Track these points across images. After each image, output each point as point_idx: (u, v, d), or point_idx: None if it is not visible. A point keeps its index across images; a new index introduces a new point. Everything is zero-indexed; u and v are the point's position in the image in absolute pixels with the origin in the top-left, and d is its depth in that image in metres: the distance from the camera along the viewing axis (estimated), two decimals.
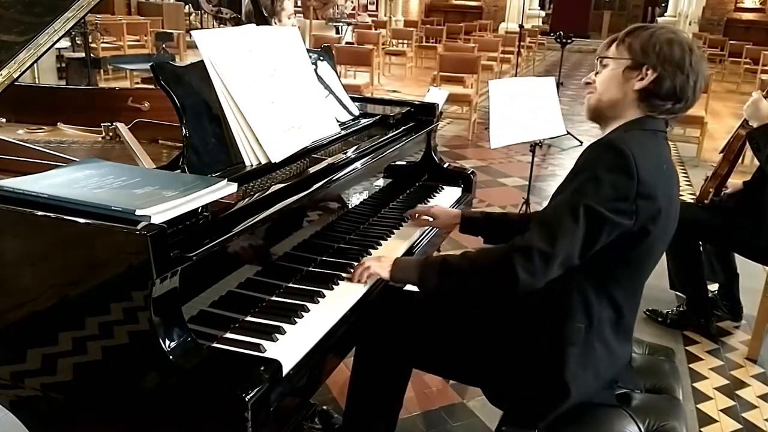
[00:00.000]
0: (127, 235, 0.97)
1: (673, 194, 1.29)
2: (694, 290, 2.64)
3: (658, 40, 1.25)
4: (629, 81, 1.27)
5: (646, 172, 1.17)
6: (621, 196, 1.16)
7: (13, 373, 1.13)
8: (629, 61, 1.27)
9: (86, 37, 6.10)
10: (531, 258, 1.16)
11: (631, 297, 1.33)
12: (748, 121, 2.42)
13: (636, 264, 1.26)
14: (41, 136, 1.86)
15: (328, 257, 1.54)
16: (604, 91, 1.31)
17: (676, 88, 1.24)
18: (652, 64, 1.24)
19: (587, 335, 1.27)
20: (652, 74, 1.24)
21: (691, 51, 1.25)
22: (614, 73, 1.29)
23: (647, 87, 1.25)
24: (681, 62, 1.24)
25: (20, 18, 1.51)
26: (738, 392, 2.27)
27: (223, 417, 0.99)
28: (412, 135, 2.00)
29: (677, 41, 1.25)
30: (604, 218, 1.16)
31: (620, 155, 1.17)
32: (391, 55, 10.72)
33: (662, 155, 1.28)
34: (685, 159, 5.73)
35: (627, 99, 1.28)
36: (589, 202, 1.16)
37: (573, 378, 1.27)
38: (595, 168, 1.18)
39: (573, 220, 1.16)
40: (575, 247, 1.17)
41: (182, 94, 1.34)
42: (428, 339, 1.42)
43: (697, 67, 1.25)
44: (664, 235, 1.28)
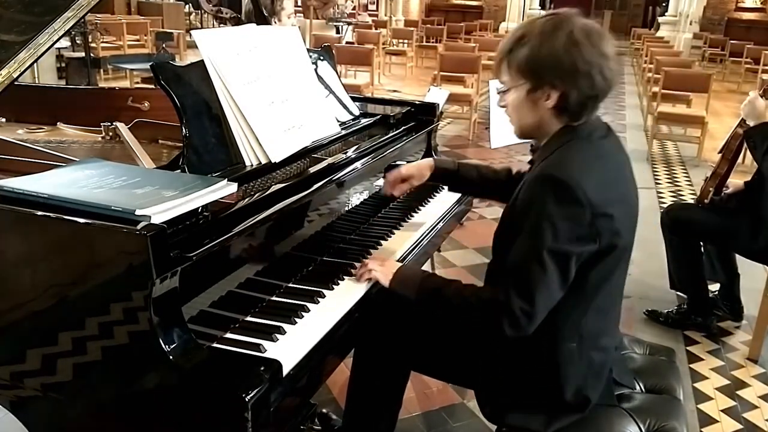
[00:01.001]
0: (127, 235, 0.97)
1: (629, 196, 1.27)
2: (695, 290, 2.64)
3: (540, 53, 1.16)
4: (538, 103, 1.21)
5: (593, 192, 1.14)
6: (577, 225, 1.14)
7: (12, 374, 1.13)
8: (527, 84, 1.21)
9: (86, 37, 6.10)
10: (515, 317, 1.16)
11: (612, 299, 1.33)
12: (746, 120, 2.42)
13: (610, 271, 1.25)
14: (41, 136, 1.86)
15: (328, 257, 1.54)
16: (521, 118, 1.27)
17: (584, 91, 1.18)
18: (549, 82, 1.18)
19: (581, 351, 1.27)
20: (555, 92, 1.19)
21: (576, 44, 1.15)
22: (520, 99, 1.24)
23: (557, 104, 1.20)
24: (574, 66, 1.15)
25: (20, 17, 1.51)
26: (739, 392, 2.26)
27: (224, 417, 0.99)
28: (413, 135, 2.00)
29: (560, 45, 1.15)
30: (569, 253, 1.14)
31: (565, 187, 1.13)
32: (391, 54, 10.71)
33: (604, 160, 1.24)
34: (685, 159, 5.73)
35: (545, 118, 1.24)
36: (550, 245, 1.13)
37: (576, 395, 1.27)
38: (543, 207, 1.14)
39: (541, 269, 1.14)
40: (553, 291, 1.17)
41: (182, 94, 1.34)
42: (426, 342, 1.41)
43: (592, 55, 1.15)
44: (631, 233, 1.28)
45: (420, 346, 1.42)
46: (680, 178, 5.10)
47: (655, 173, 5.16)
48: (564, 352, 1.26)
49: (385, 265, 1.40)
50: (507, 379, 1.32)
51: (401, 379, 1.49)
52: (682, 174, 5.24)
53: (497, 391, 1.34)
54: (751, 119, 2.39)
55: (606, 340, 1.31)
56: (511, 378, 1.31)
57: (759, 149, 2.34)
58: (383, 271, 1.38)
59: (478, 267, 3.11)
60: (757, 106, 2.37)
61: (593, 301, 1.25)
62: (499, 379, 1.33)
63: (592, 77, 1.17)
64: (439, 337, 1.40)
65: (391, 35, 12.16)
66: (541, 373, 1.28)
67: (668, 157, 5.85)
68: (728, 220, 2.48)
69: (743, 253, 2.56)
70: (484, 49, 7.16)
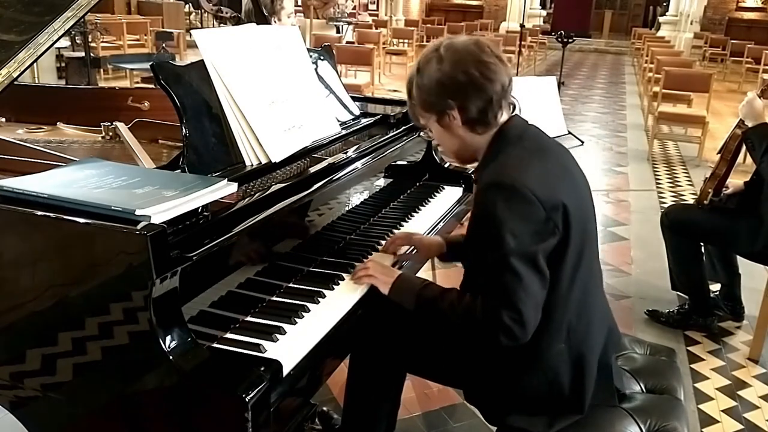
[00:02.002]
0: (127, 235, 0.96)
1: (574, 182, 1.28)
2: (696, 291, 2.63)
3: (426, 86, 1.26)
4: (450, 126, 1.28)
5: (540, 189, 1.16)
6: (534, 223, 1.16)
7: (12, 374, 1.13)
8: (433, 116, 1.29)
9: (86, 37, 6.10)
10: (508, 329, 1.16)
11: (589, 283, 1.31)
12: (744, 120, 2.42)
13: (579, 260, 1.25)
14: (41, 136, 1.86)
15: (328, 257, 1.54)
16: (448, 146, 1.35)
17: (475, 98, 1.23)
18: (444, 105, 1.25)
19: (571, 348, 1.27)
20: (453, 111, 1.25)
21: (441, 59, 1.23)
22: (437, 130, 1.32)
23: (464, 120, 1.26)
24: (454, 81, 1.22)
25: (20, 17, 1.51)
26: (739, 393, 2.26)
27: (224, 417, 0.99)
28: (413, 135, 2.00)
29: (429, 70, 1.24)
30: (535, 252, 1.16)
31: (508, 188, 1.16)
32: (391, 54, 10.71)
33: (541, 152, 1.27)
34: (686, 159, 5.73)
35: (465, 137, 1.29)
36: (514, 249, 1.14)
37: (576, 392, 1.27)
38: (495, 214, 1.16)
39: (515, 275, 1.15)
40: (534, 291, 1.17)
41: (182, 94, 1.34)
42: (420, 345, 1.41)
43: (467, 65, 1.22)
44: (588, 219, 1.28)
45: (415, 348, 1.41)
46: (681, 178, 5.10)
47: (655, 173, 5.16)
48: (554, 354, 1.26)
49: (385, 272, 1.39)
50: (503, 383, 1.32)
51: (397, 381, 1.48)
52: (682, 174, 5.24)
53: (494, 393, 1.34)
54: (750, 120, 2.39)
55: (593, 333, 1.31)
56: (506, 381, 1.31)
57: (757, 150, 2.33)
58: (384, 280, 1.36)
59: None
60: (755, 107, 2.37)
61: (570, 298, 1.25)
62: (494, 382, 1.33)
63: (474, 83, 1.22)
64: (434, 341, 1.40)
65: (392, 35, 12.16)
66: (535, 377, 1.28)
67: (669, 157, 5.85)
68: (727, 221, 2.48)
69: (743, 254, 2.56)
70: None
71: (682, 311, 2.68)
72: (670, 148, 6.17)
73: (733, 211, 2.50)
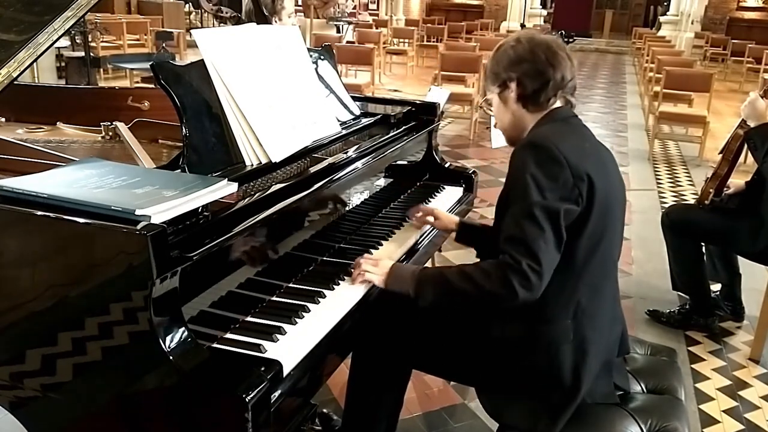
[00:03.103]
0: (127, 235, 0.96)
1: (607, 168, 1.33)
2: (697, 291, 2.63)
3: (496, 58, 1.40)
4: (508, 101, 1.40)
5: (570, 155, 1.24)
6: (560, 184, 1.22)
7: (12, 374, 1.13)
8: (496, 88, 1.41)
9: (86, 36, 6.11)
10: (526, 276, 1.18)
11: (604, 277, 1.35)
12: (746, 120, 2.42)
13: (595, 243, 1.28)
14: (41, 136, 1.86)
15: (329, 257, 1.54)
16: (502, 121, 1.44)
17: (534, 76, 1.34)
18: (506, 77, 1.37)
19: (576, 329, 1.28)
20: (513, 83, 1.37)
21: (520, 41, 1.36)
22: (497, 104, 1.43)
23: (518, 93, 1.36)
24: (519, 56, 1.35)
25: (19, 17, 1.50)
26: (740, 393, 2.26)
27: (224, 418, 0.99)
28: (413, 134, 2.00)
29: (509, 46, 1.38)
30: (558, 209, 1.21)
31: (542, 148, 1.25)
32: (392, 54, 10.70)
33: (581, 136, 1.36)
34: (687, 159, 5.72)
35: (517, 113, 1.39)
36: (539, 200, 1.21)
37: (574, 376, 1.27)
38: (526, 169, 1.23)
39: (536, 226, 1.20)
40: (551, 248, 1.21)
41: (182, 94, 1.33)
42: (426, 339, 1.41)
43: (536, 47, 1.34)
44: (614, 209, 1.31)
45: (420, 343, 1.42)
46: (682, 178, 5.09)
47: (656, 173, 5.16)
48: (559, 329, 1.28)
49: (378, 265, 1.39)
50: (505, 368, 1.32)
51: (402, 379, 1.48)
52: (683, 174, 5.24)
53: (496, 384, 1.34)
54: (752, 120, 2.39)
55: (600, 321, 1.32)
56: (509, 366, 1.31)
57: (759, 150, 2.33)
58: (377, 272, 1.37)
59: None
60: (758, 107, 2.37)
61: (584, 276, 1.28)
62: (497, 369, 1.33)
63: (536, 63, 1.34)
64: (438, 335, 1.40)
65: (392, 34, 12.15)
66: (538, 354, 1.29)
67: (670, 156, 5.84)
68: (728, 221, 2.47)
69: (744, 255, 2.56)
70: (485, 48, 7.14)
71: (682, 311, 2.68)
72: (670, 148, 6.17)
73: (734, 211, 2.50)
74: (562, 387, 1.28)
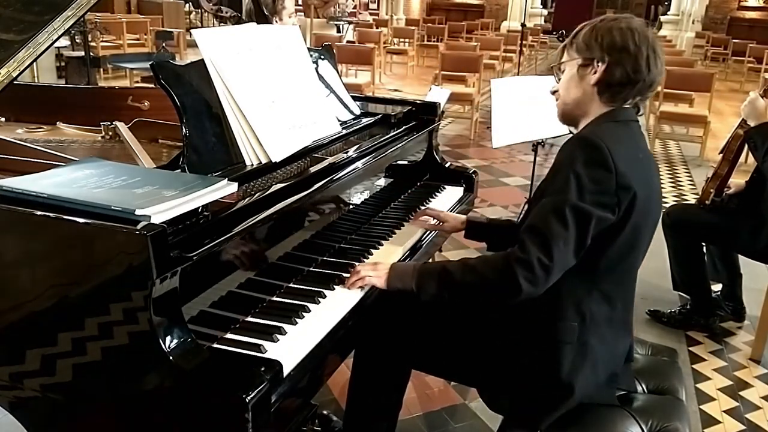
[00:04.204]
0: (127, 235, 0.96)
1: (652, 182, 1.30)
2: (698, 291, 2.63)
3: (599, 31, 1.28)
4: (585, 78, 1.30)
5: (621, 163, 1.19)
6: (602, 190, 1.18)
7: (12, 374, 1.13)
8: (579, 59, 1.31)
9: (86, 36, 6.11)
10: (532, 269, 1.17)
11: (621, 288, 1.33)
12: (746, 120, 2.41)
13: (622, 255, 1.26)
14: (40, 136, 1.86)
15: (329, 257, 1.53)
16: (566, 94, 1.35)
17: (627, 71, 1.26)
18: (599, 56, 1.27)
19: (581, 332, 1.27)
20: (602, 66, 1.27)
21: (632, 31, 1.26)
22: (571, 75, 1.33)
23: (601, 78, 1.28)
24: (624, 44, 1.25)
25: (19, 16, 1.50)
26: (741, 393, 2.26)
27: (224, 418, 0.99)
28: (414, 134, 1.99)
29: (617, 27, 1.27)
30: (591, 214, 1.17)
31: (595, 149, 1.19)
32: (392, 53, 10.70)
33: (637, 144, 1.30)
34: (688, 158, 5.72)
35: (588, 95, 1.31)
36: (574, 201, 1.17)
37: (570, 377, 1.26)
38: (572, 165, 1.19)
39: (562, 224, 1.17)
40: (570, 250, 1.18)
41: (182, 93, 1.33)
42: (427, 339, 1.41)
43: (643, 43, 1.26)
44: (648, 223, 1.29)
45: (420, 343, 1.41)
46: (683, 178, 5.09)
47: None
48: (563, 329, 1.26)
49: (377, 268, 1.38)
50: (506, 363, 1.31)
51: (401, 379, 1.48)
52: (684, 174, 5.23)
53: (497, 383, 1.34)
54: (752, 119, 2.39)
55: (608, 331, 1.30)
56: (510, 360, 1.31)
57: (760, 150, 2.33)
58: (377, 275, 1.35)
59: None
60: (758, 106, 2.36)
61: (600, 285, 1.27)
62: (498, 368, 1.32)
63: (637, 59, 1.25)
64: (439, 333, 1.40)
65: (392, 34, 12.15)
66: (538, 350, 1.28)
67: (670, 156, 5.84)
68: (729, 220, 2.47)
69: (745, 253, 2.56)
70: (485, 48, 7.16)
71: (683, 311, 2.67)
72: (671, 148, 6.16)
73: (735, 210, 2.50)
74: (556, 385, 1.27)
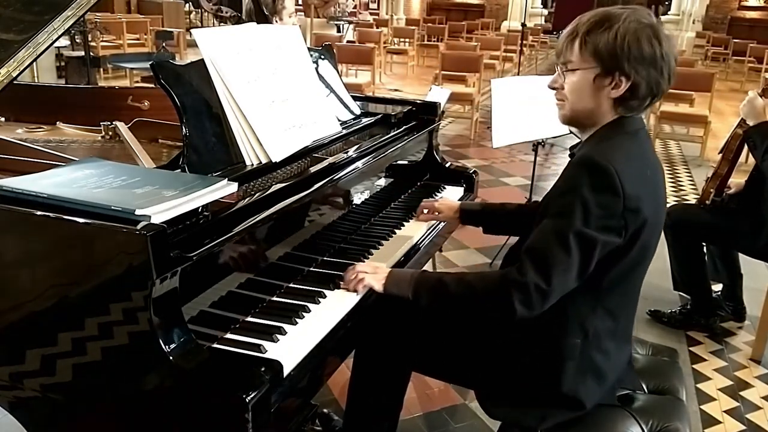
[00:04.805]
0: (127, 235, 0.96)
1: (659, 198, 1.26)
2: (698, 291, 2.63)
3: (625, 39, 1.14)
4: (602, 89, 1.19)
5: (630, 185, 1.14)
6: (609, 215, 1.13)
7: (12, 374, 1.13)
8: (598, 68, 1.18)
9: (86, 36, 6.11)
10: (528, 293, 1.14)
11: (625, 303, 1.31)
12: (745, 119, 2.41)
13: (627, 273, 1.24)
14: (40, 136, 1.86)
15: (329, 257, 1.53)
16: (577, 101, 1.23)
17: (651, 86, 1.18)
18: (625, 71, 1.16)
19: (584, 348, 1.25)
20: (626, 82, 1.17)
21: (659, 41, 1.16)
22: (584, 82, 1.20)
23: (623, 96, 1.19)
24: (653, 59, 1.16)
25: (19, 16, 1.50)
26: (742, 393, 2.25)
27: (224, 418, 0.99)
28: (414, 134, 1.99)
29: (645, 35, 1.15)
30: (595, 240, 1.13)
31: (603, 173, 1.13)
32: (392, 53, 10.70)
33: (646, 158, 1.24)
34: (688, 158, 5.72)
35: (602, 107, 1.22)
36: (578, 227, 1.12)
37: (571, 391, 1.26)
38: (578, 189, 1.13)
39: (564, 251, 1.13)
40: (571, 276, 1.15)
41: (182, 93, 1.33)
42: (426, 342, 1.41)
43: (668, 56, 1.17)
44: (653, 241, 1.26)
45: (420, 346, 1.41)
46: (683, 178, 5.09)
47: None
48: (566, 346, 1.25)
49: (376, 271, 1.36)
50: (507, 373, 1.31)
51: (401, 380, 1.48)
52: (684, 173, 5.23)
53: (497, 387, 1.34)
54: (751, 119, 2.39)
55: (610, 344, 1.29)
56: (511, 370, 1.30)
57: (759, 149, 2.33)
58: (375, 277, 1.34)
59: (479, 267, 3.10)
60: (756, 106, 2.37)
61: (604, 301, 1.24)
62: (499, 373, 1.32)
63: (661, 74, 1.18)
64: (440, 337, 1.39)
65: (393, 34, 12.15)
66: (540, 363, 1.27)
67: (671, 156, 5.84)
68: (729, 220, 2.47)
69: (746, 252, 2.56)
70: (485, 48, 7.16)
71: (684, 311, 2.67)
72: (672, 148, 6.16)
73: (735, 210, 2.50)
74: (561, 397, 1.26)
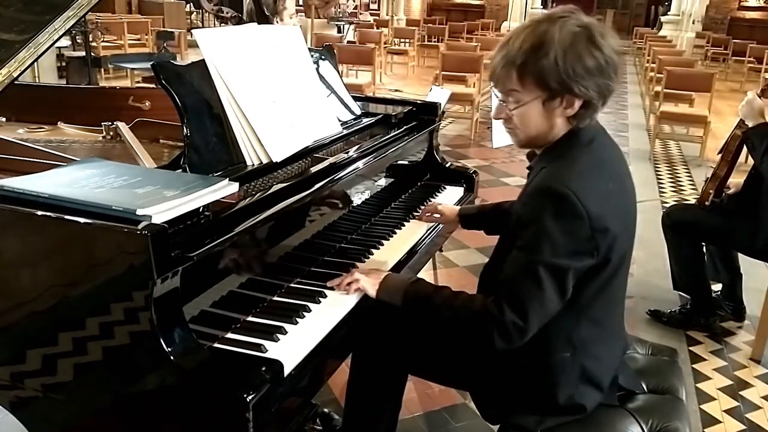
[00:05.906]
0: (128, 234, 0.96)
1: (626, 206, 1.23)
2: (698, 291, 2.63)
3: (566, 61, 1.09)
4: (554, 111, 1.16)
5: (593, 204, 1.10)
6: (576, 239, 1.11)
7: (13, 374, 1.13)
8: (544, 95, 1.14)
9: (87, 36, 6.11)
10: (506, 331, 1.14)
11: (609, 308, 1.29)
12: (744, 120, 2.41)
13: (606, 283, 1.22)
14: (42, 136, 1.86)
15: (330, 257, 1.54)
16: (531, 128, 1.20)
17: (603, 93, 1.14)
18: (575, 92, 1.12)
19: (574, 360, 1.25)
20: (578, 100, 1.13)
21: (599, 46, 1.11)
22: (534, 110, 1.17)
23: (577, 113, 1.16)
24: (598, 68, 1.11)
25: (20, 16, 1.51)
26: (742, 393, 2.25)
27: (225, 418, 0.99)
28: (414, 134, 2.00)
29: (584, 47, 1.10)
30: (567, 267, 1.12)
31: (563, 199, 1.09)
32: (393, 54, 10.70)
33: (603, 170, 1.19)
34: (688, 159, 5.72)
35: (558, 124, 1.18)
36: (546, 259, 1.10)
37: (570, 400, 1.26)
38: (541, 220, 1.10)
39: (537, 285, 1.11)
40: (548, 306, 1.14)
41: (183, 93, 1.33)
42: (423, 346, 1.40)
43: (612, 57, 1.12)
44: (628, 249, 1.25)
45: (417, 350, 1.41)
46: (683, 178, 5.09)
47: (657, 173, 5.15)
48: (556, 361, 1.25)
49: (371, 275, 1.36)
50: (502, 384, 1.31)
51: (399, 383, 1.48)
52: (684, 174, 5.23)
53: (493, 394, 1.34)
54: (750, 119, 2.39)
55: (600, 349, 1.28)
56: (506, 382, 1.31)
57: (758, 150, 2.33)
58: (370, 282, 1.34)
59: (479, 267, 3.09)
60: (755, 107, 2.37)
61: (587, 313, 1.23)
62: (494, 383, 1.32)
63: (610, 75, 1.14)
64: (436, 342, 1.39)
65: (393, 34, 12.14)
66: (534, 379, 1.27)
67: (671, 156, 5.84)
68: (728, 220, 2.47)
69: (745, 252, 2.56)
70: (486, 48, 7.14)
71: (683, 311, 2.67)
72: (671, 148, 6.16)
73: (734, 211, 2.50)
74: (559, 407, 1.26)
